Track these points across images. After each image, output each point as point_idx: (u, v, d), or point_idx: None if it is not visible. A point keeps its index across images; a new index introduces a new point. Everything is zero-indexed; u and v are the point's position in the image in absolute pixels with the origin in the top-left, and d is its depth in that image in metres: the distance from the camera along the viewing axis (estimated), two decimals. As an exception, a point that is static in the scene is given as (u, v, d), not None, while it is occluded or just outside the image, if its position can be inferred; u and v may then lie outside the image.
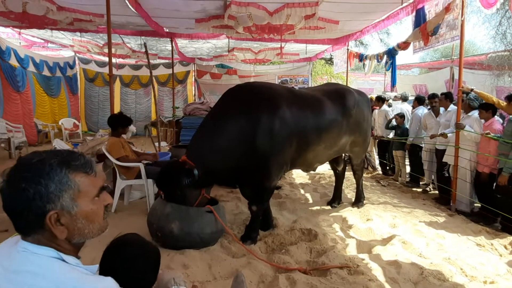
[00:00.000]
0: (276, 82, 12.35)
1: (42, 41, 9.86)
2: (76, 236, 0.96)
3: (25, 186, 0.87)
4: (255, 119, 3.14)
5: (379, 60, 7.03)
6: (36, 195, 0.88)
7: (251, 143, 3.11)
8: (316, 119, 3.54)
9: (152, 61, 8.09)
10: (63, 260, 0.91)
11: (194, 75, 13.01)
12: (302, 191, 5.40)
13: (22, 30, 8.36)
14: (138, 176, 4.05)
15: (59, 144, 4.39)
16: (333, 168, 4.67)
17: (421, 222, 4.12)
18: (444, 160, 4.97)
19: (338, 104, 3.85)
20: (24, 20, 6.43)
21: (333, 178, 6.08)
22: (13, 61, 9.21)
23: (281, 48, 8.11)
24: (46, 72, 10.89)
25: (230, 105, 3.28)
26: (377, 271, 2.84)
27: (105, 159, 4.39)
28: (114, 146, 4.03)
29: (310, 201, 4.92)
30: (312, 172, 6.55)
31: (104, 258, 1.28)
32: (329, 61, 18.28)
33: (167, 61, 12.20)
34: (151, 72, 7.18)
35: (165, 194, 3.12)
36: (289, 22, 5.84)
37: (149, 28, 7.26)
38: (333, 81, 16.90)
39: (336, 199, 4.65)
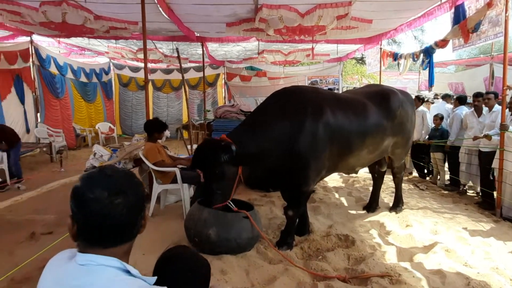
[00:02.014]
0: (306, 83, 12.23)
1: (80, 48, 10.30)
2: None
3: (141, 189, 0.98)
4: (299, 123, 3.11)
5: (415, 59, 6.77)
6: (143, 203, 0.99)
7: (292, 146, 3.08)
8: (360, 124, 3.47)
9: (183, 65, 8.23)
10: (127, 271, 0.92)
11: (224, 78, 13.15)
12: (336, 195, 5.29)
13: (61, 39, 8.78)
14: (174, 181, 4.12)
15: (99, 150, 4.55)
16: (372, 171, 4.53)
17: (465, 228, 3.92)
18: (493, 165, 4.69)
19: (382, 106, 3.75)
20: (64, 29, 6.74)
21: (368, 182, 5.96)
22: (53, 69, 9.69)
23: (312, 49, 8.02)
24: (83, 79, 11.38)
25: (275, 106, 3.24)
26: (421, 281, 2.72)
27: (142, 163, 4.50)
28: (151, 151, 4.12)
29: (345, 205, 4.80)
30: (345, 175, 6.47)
31: (156, 270, 1.29)
32: (360, 60, 17.90)
33: (197, 64, 12.40)
34: (183, 76, 7.31)
35: (203, 172, 3.03)
36: (321, 23, 5.75)
37: (181, 33, 7.40)
38: (364, 80, 16.52)
39: (373, 204, 4.51)
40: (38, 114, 9.32)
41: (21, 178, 6.11)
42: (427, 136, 6.36)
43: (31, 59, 8.90)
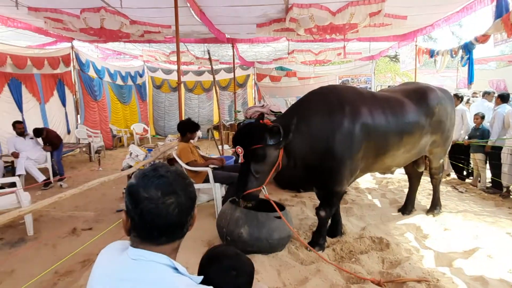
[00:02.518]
0: (337, 83, 12.04)
1: (116, 53, 10.74)
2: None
3: (192, 189, 1.00)
4: (336, 122, 3.06)
5: (454, 55, 6.48)
6: (194, 203, 1.01)
7: (328, 144, 3.04)
8: (397, 122, 3.37)
9: (214, 67, 8.37)
10: (175, 268, 0.94)
11: (254, 79, 13.21)
12: (369, 196, 5.16)
13: (99, 44, 9.21)
14: (206, 180, 4.19)
15: (134, 149, 4.72)
16: (409, 171, 4.38)
17: (509, 233, 3.69)
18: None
19: (420, 103, 3.62)
20: (102, 34, 7.06)
21: (403, 183, 5.77)
22: (91, 73, 10.16)
23: (343, 48, 7.88)
24: (119, 81, 11.84)
25: (314, 104, 3.18)
26: (460, 287, 2.60)
27: (175, 163, 4.61)
28: (184, 151, 4.21)
29: (379, 207, 4.67)
30: (378, 176, 6.30)
31: (200, 268, 1.32)
32: (394, 58, 17.37)
33: (228, 66, 12.56)
34: (214, 77, 7.42)
35: (244, 151, 2.84)
36: (353, 21, 5.64)
37: (212, 35, 7.53)
38: (398, 79, 16.02)
39: (408, 206, 4.35)
40: (78, 116, 9.82)
41: (63, 176, 6.49)
42: (466, 136, 6.06)
43: (72, 64, 9.38)
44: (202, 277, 1.00)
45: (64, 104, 9.29)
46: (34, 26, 6.89)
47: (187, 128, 4.39)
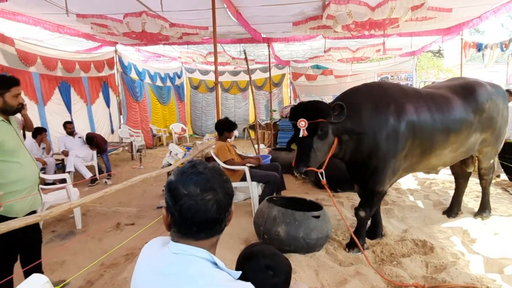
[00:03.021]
0: (375, 80, 11.68)
1: (156, 55, 11.13)
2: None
3: (229, 185, 1.02)
4: (381, 119, 2.96)
5: (504, 48, 6.06)
6: (233, 190, 1.03)
7: (373, 142, 2.95)
8: (444, 120, 3.20)
9: (249, 66, 8.42)
10: (214, 263, 0.96)
11: (290, 78, 13.14)
12: (411, 198, 4.95)
13: (140, 47, 9.59)
14: (243, 179, 4.23)
15: (174, 148, 4.87)
16: (456, 171, 4.15)
17: None
18: None
19: (468, 100, 3.41)
20: (143, 38, 7.34)
21: (448, 184, 5.48)
22: (133, 75, 10.62)
23: (383, 44, 7.62)
24: (158, 83, 12.27)
25: (359, 100, 3.06)
26: (514, 296, 2.43)
27: (213, 161, 4.70)
28: (221, 149, 4.28)
29: (422, 209, 4.47)
30: (421, 177, 6.03)
31: (238, 265, 1.33)
32: (437, 53, 16.54)
33: (263, 65, 12.59)
34: (250, 77, 7.48)
35: (309, 124, 2.71)
36: (393, 16, 5.43)
37: (248, 35, 7.58)
38: (441, 75, 15.25)
39: (454, 208, 4.12)
40: (121, 116, 10.29)
41: (110, 171, 6.97)
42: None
43: (115, 67, 9.86)
44: (240, 272, 1.01)
45: (108, 105, 9.78)
46: (81, 32, 7.32)
47: (224, 127, 4.46)
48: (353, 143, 2.96)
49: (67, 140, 6.74)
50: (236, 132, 8.90)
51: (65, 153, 6.53)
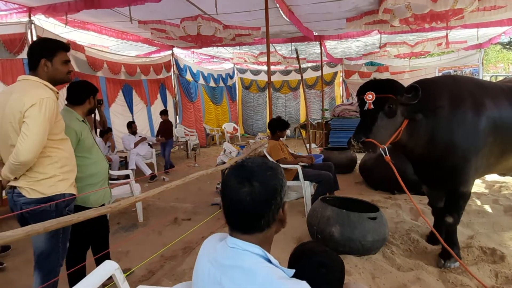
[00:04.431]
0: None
1: (209, 57, 11.50)
2: (280, 230, 1.07)
3: (274, 182, 0.99)
4: (461, 115, 2.74)
5: None
6: (280, 189, 1.00)
7: (449, 140, 2.72)
8: None
9: (301, 65, 8.36)
10: (268, 259, 0.98)
11: (342, 76, 12.82)
12: (478, 202, 4.58)
13: (195, 50, 9.98)
14: (295, 178, 4.22)
15: (228, 147, 5.00)
16: None
17: None
18: None
19: None
20: (198, 41, 7.62)
21: (521, 189, 4.98)
22: (188, 77, 11.07)
23: (445, 36, 7.13)
24: (212, 84, 12.67)
25: (435, 92, 2.83)
26: None
27: (265, 160, 4.75)
28: (274, 148, 4.31)
29: (490, 214, 4.11)
30: (489, 180, 5.54)
31: (290, 263, 1.34)
32: (508, 45, 15.09)
33: (314, 64, 12.43)
34: (302, 76, 7.43)
35: (377, 98, 2.58)
36: (458, 6, 5.04)
37: (300, 34, 7.53)
38: (513, 69, 13.87)
39: (529, 215, 3.74)
40: (177, 116, 10.78)
41: (173, 167, 7.69)
42: None
43: (172, 69, 10.36)
44: (294, 270, 1.01)
45: (165, 105, 10.30)
46: (142, 37, 7.80)
47: (277, 126, 4.48)
48: (428, 135, 2.74)
49: (130, 139, 7.23)
50: (288, 132, 8.88)
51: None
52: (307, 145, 7.24)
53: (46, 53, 2.01)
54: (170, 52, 9.98)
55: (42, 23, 5.89)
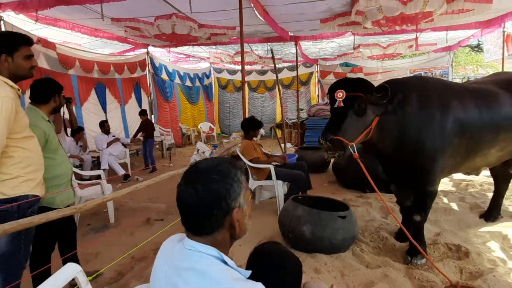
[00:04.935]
0: (408, 77, 11.27)
1: (185, 56, 11.37)
2: (241, 233, 1.06)
3: (218, 187, 0.97)
4: (428, 114, 2.80)
5: (550, 41, 5.64)
6: (226, 194, 0.98)
7: (418, 139, 2.79)
8: (493, 117, 3.00)
9: (277, 65, 8.40)
10: (224, 261, 0.97)
11: (318, 76, 12.98)
12: (445, 200, 4.74)
13: (170, 49, 9.83)
14: (269, 177, 4.22)
15: (201, 146, 4.95)
16: (496, 173, 3.90)
17: None
18: None
19: None
20: (173, 39, 7.52)
21: (486, 186, 5.19)
22: (164, 76, 10.91)
23: (415, 39, 7.35)
24: (188, 83, 12.54)
25: (405, 91, 2.88)
26: (559, 308, 2.26)
27: (238, 160, 4.73)
28: (247, 148, 4.30)
29: (457, 212, 4.26)
30: (456, 178, 5.75)
31: (249, 264, 1.33)
32: (476, 48, 15.73)
33: (290, 64, 12.52)
34: (277, 76, 7.45)
35: (346, 96, 2.60)
36: (427, 9, 5.20)
37: (275, 34, 7.56)
38: (481, 71, 14.49)
39: (493, 212, 3.89)
40: (152, 116, 10.59)
41: (154, 165, 7.52)
42: None
43: (147, 68, 10.16)
44: (250, 271, 1.01)
45: (140, 105, 10.11)
46: (116, 35, 7.60)
47: (250, 126, 4.47)
48: (397, 135, 2.80)
49: (103, 139, 7.03)
50: (262, 131, 8.90)
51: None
52: (282, 145, 7.27)
53: (6, 48, 1.91)
54: (145, 50, 9.79)
55: (11, 20, 5.67)
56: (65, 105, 2.83)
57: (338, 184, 5.67)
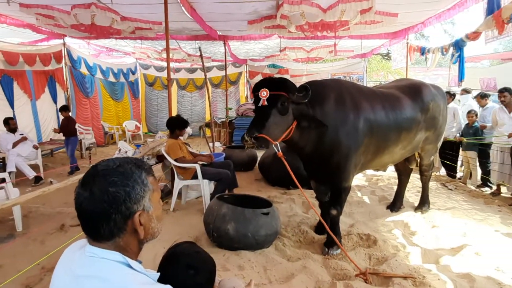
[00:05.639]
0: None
1: (108, 49, 10.64)
2: (149, 236, 1.01)
3: (115, 190, 0.91)
4: (343, 115, 3.00)
5: (444, 53, 6.50)
6: (126, 197, 0.92)
7: (334, 138, 2.97)
8: (397, 119, 3.34)
9: (206, 64, 8.34)
10: (129, 265, 0.93)
11: (246, 76, 13.18)
12: (358, 194, 5.18)
13: (90, 41, 9.12)
14: (195, 177, 4.18)
15: (123, 146, 4.69)
16: (399, 168, 4.40)
17: (497, 231, 3.72)
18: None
19: (415, 99, 3.62)
20: (93, 31, 6.98)
21: (393, 181, 5.80)
22: (83, 69, 10.06)
23: (334, 45, 7.88)
24: (111, 78, 11.75)
25: (322, 93, 3.05)
26: (446, 284, 2.62)
27: (164, 159, 4.59)
28: (172, 147, 4.20)
29: (368, 204, 4.69)
30: (368, 173, 6.32)
31: (160, 266, 1.30)
32: (386, 56, 17.43)
33: (220, 63, 12.51)
34: (205, 75, 7.40)
35: (270, 95, 2.68)
36: (344, 18, 5.63)
37: (204, 32, 7.49)
38: (390, 77, 16.09)
39: (397, 203, 4.38)
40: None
41: (76, 164, 7.05)
42: (458, 134, 6.09)
43: (63, 61, 9.27)
44: (158, 274, 0.99)
45: (55, 100, 9.21)
46: (26, 23, 6.80)
47: (176, 125, 4.37)
48: (316, 134, 2.96)
49: (8, 138, 6.25)
50: (189, 130, 8.74)
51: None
52: (211, 144, 7.25)
53: None
54: (61, 41, 8.91)
55: None
56: None
57: (264, 182, 5.84)
